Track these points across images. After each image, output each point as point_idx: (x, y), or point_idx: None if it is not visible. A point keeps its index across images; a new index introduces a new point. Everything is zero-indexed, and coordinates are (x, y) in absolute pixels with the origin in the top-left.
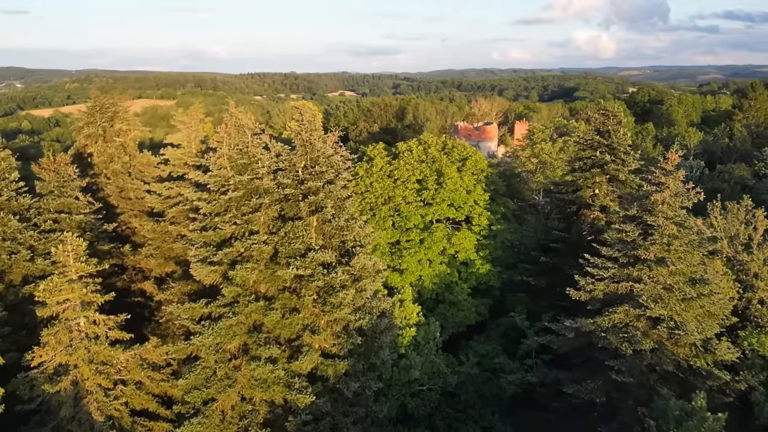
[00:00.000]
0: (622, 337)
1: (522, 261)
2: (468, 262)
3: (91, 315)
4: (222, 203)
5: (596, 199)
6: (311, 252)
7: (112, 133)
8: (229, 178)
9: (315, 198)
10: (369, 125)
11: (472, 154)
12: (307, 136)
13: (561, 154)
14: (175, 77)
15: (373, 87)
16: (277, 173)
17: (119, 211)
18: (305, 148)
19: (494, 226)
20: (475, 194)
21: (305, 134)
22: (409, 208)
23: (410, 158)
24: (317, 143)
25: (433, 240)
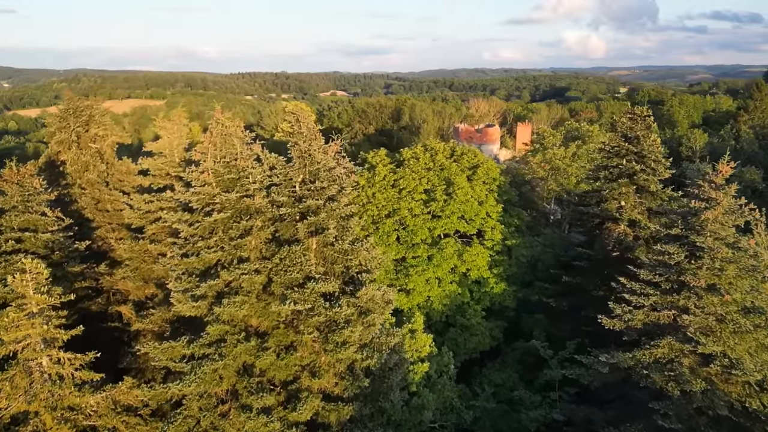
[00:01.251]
0: (667, 376)
1: (539, 279)
2: (481, 281)
3: (55, 354)
4: (206, 226)
5: (623, 212)
6: (311, 282)
7: (87, 138)
8: (215, 196)
9: (315, 218)
10: (364, 127)
11: (483, 162)
12: (305, 146)
13: (575, 160)
14: (165, 77)
15: (365, 87)
16: (271, 189)
17: (95, 225)
18: (303, 160)
19: (508, 241)
20: (487, 206)
21: (304, 144)
22: (416, 222)
23: (416, 166)
24: (317, 154)
25: (442, 257)
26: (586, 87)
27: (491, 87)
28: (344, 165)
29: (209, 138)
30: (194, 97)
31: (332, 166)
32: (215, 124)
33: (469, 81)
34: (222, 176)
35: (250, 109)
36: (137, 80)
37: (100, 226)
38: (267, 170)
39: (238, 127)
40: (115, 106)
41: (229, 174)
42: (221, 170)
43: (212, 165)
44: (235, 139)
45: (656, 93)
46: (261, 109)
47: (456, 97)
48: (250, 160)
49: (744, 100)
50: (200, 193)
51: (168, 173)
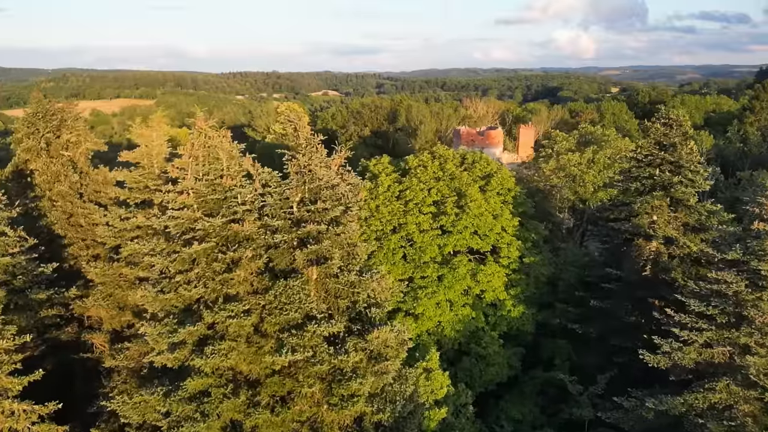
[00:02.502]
0: (726, 426)
1: (560, 300)
2: (497, 304)
3: (8, 405)
4: (185, 257)
5: (657, 228)
6: (311, 324)
7: (58, 145)
8: (196, 221)
9: (316, 247)
10: (360, 129)
11: (496, 170)
12: (305, 160)
13: (591, 167)
14: (155, 76)
15: (357, 87)
16: (264, 210)
17: (67, 242)
18: (302, 176)
19: (526, 258)
20: (502, 219)
21: (303, 158)
22: (424, 238)
23: (424, 175)
24: (319, 169)
25: (454, 277)
26: (578, 87)
27: (483, 87)
28: (349, 180)
29: (189, 151)
30: (184, 97)
31: (336, 183)
32: (197, 135)
33: (461, 81)
34: (205, 197)
35: (241, 109)
36: (126, 80)
37: (72, 243)
38: (259, 188)
39: (224, 138)
40: (104, 106)
41: (213, 194)
42: (204, 190)
43: (193, 184)
44: (221, 152)
45: (656, 93)
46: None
47: (449, 96)
48: (239, 176)
49: (749, 101)
50: (179, 218)
51: (147, 186)
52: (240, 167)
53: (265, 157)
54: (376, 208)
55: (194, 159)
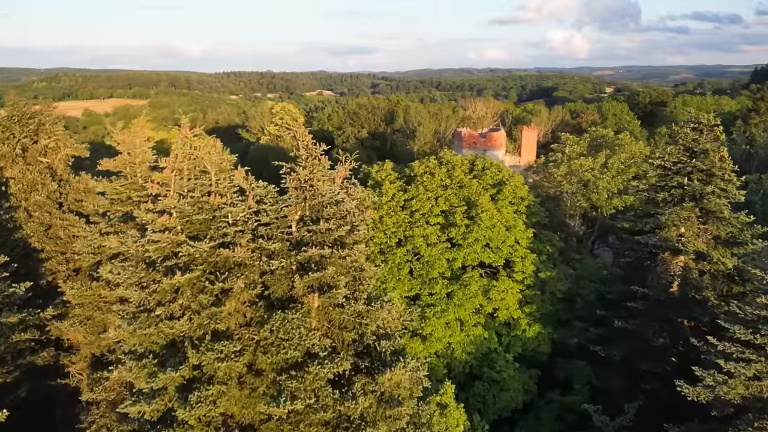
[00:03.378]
0: None
1: (578, 318)
2: (510, 323)
3: None
4: (167, 288)
5: (686, 242)
6: (313, 363)
7: (35, 151)
8: (180, 244)
9: (319, 274)
10: (357, 130)
11: (508, 178)
12: (306, 173)
13: (605, 172)
14: (148, 76)
15: (352, 86)
16: (259, 231)
17: (44, 256)
18: (303, 192)
19: (542, 273)
20: (516, 231)
21: (304, 171)
22: (432, 252)
23: (431, 183)
24: (322, 184)
25: (465, 294)
26: (573, 87)
27: (478, 87)
28: (355, 195)
29: (172, 163)
30: (178, 97)
31: (340, 199)
32: (181, 144)
33: (456, 80)
34: (190, 217)
35: (235, 110)
36: (120, 79)
37: (50, 257)
38: (252, 205)
39: (212, 148)
40: (97, 106)
41: (200, 214)
42: (188, 209)
43: (176, 202)
44: (209, 165)
45: (657, 94)
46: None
47: (444, 96)
48: (230, 192)
49: (754, 102)
50: (160, 242)
51: (129, 197)
52: (231, 181)
53: (260, 160)
54: (379, 219)
55: (178, 173)
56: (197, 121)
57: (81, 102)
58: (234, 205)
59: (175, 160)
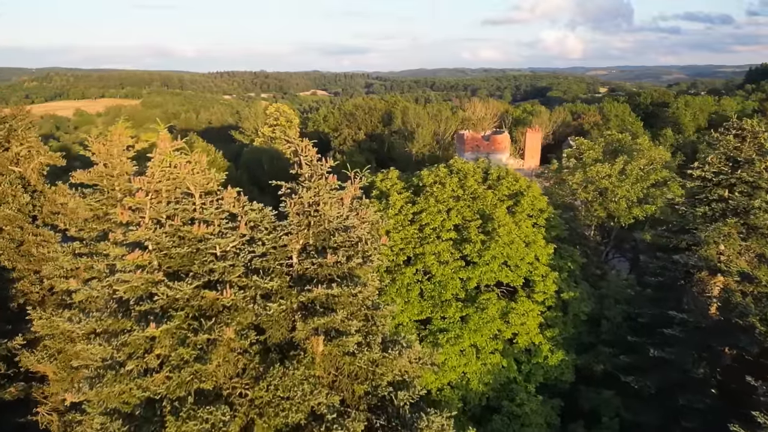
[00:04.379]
0: None
1: (604, 342)
2: (531, 349)
3: None
4: (140, 340)
5: (729, 262)
6: (320, 428)
7: (5, 160)
8: (156, 284)
9: (326, 319)
10: (354, 132)
11: (525, 188)
12: (310, 196)
13: (623, 179)
14: (141, 76)
15: (346, 86)
16: (253, 264)
17: (16, 276)
18: (307, 217)
19: (565, 293)
20: (536, 247)
21: (308, 193)
22: (445, 271)
23: (441, 194)
24: (329, 208)
25: (482, 319)
26: (567, 87)
27: (472, 87)
28: (367, 217)
29: (149, 184)
30: (170, 97)
31: (351, 224)
32: (158, 161)
33: (450, 80)
34: (168, 250)
35: (228, 110)
36: (112, 79)
37: (21, 276)
38: (245, 232)
39: (197, 164)
40: (89, 106)
41: (181, 246)
42: (167, 241)
43: (152, 233)
44: (192, 186)
45: (658, 94)
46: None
47: (439, 96)
48: (218, 218)
49: (760, 102)
50: (131, 282)
51: (106, 214)
52: (219, 205)
53: (254, 163)
54: (386, 234)
55: (154, 196)
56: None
57: (72, 102)
58: (223, 234)
59: (151, 180)
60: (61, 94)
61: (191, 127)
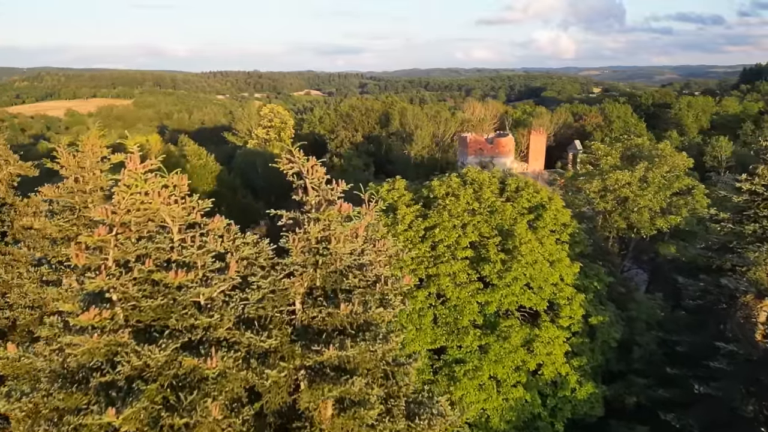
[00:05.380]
0: None
1: (636, 371)
2: (557, 381)
3: None
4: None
5: None
6: None
7: None
8: (121, 347)
9: (341, 389)
10: (351, 134)
11: (547, 200)
12: (319, 230)
13: (645, 188)
14: (133, 75)
15: (340, 86)
16: (246, 312)
17: None
18: (314, 255)
19: (592, 318)
20: (560, 267)
21: (316, 228)
22: (461, 294)
23: (455, 207)
24: (341, 243)
25: (504, 349)
26: (561, 87)
27: (467, 87)
28: (386, 249)
29: (113, 216)
30: (163, 97)
31: (367, 262)
32: (126, 186)
33: (444, 81)
34: (138, 302)
35: (221, 110)
36: (103, 79)
37: None
38: (235, 273)
39: (177, 189)
40: (80, 106)
41: (154, 298)
42: (135, 291)
43: (116, 280)
44: (169, 218)
45: (660, 95)
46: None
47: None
48: (202, 259)
49: (766, 104)
50: (88, 345)
51: (78, 235)
52: (202, 244)
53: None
54: (396, 254)
55: (121, 231)
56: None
57: (64, 102)
58: (207, 279)
59: (116, 210)
60: (53, 94)
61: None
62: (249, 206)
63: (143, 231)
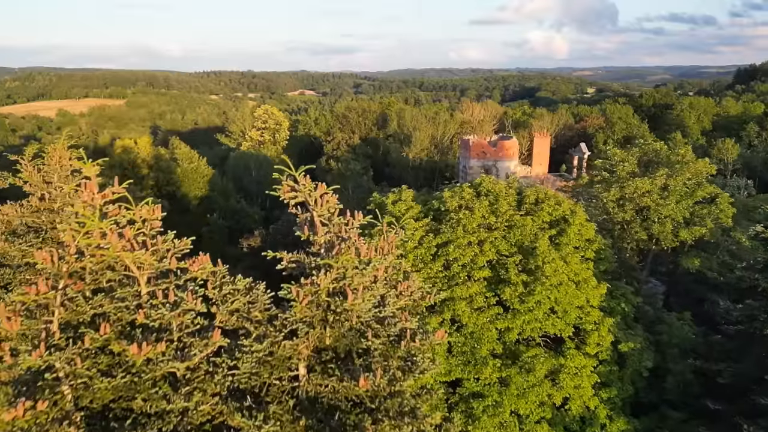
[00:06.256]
0: None
1: (669, 402)
2: (585, 416)
3: None
4: None
5: None
6: None
7: None
8: None
9: None
10: (348, 136)
11: (570, 214)
12: (329, 281)
13: (666, 196)
14: (125, 75)
15: (334, 86)
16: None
17: None
18: (325, 311)
19: (622, 345)
20: (587, 288)
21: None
22: (479, 320)
23: (470, 222)
24: (359, 302)
25: (527, 382)
26: (555, 87)
27: (461, 87)
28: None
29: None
30: (156, 97)
31: (390, 314)
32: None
33: (438, 81)
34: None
35: (215, 110)
36: (95, 79)
37: None
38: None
39: (148, 224)
40: (72, 106)
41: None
42: (86, 369)
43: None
44: (134, 267)
45: (661, 96)
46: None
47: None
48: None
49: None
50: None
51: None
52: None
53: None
54: (405, 275)
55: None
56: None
57: (55, 102)
58: (184, 350)
59: (65, 256)
60: (44, 94)
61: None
62: (242, 211)
63: (101, 282)
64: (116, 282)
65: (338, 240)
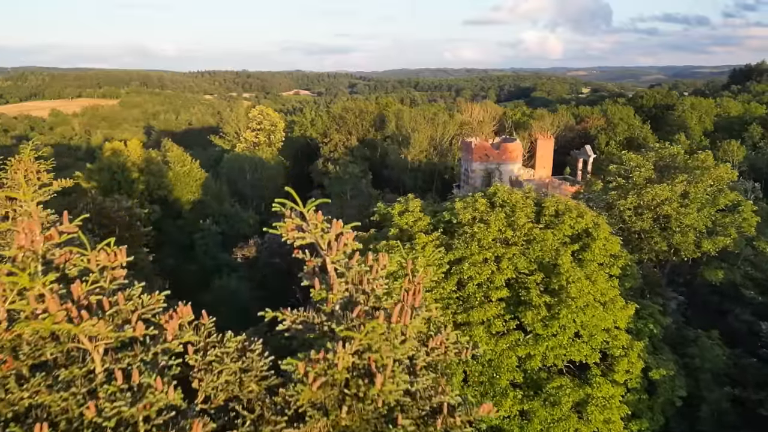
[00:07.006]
0: None
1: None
2: None
3: None
4: None
5: None
6: None
7: None
8: None
9: None
10: (345, 137)
11: (593, 227)
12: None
13: (687, 204)
14: (119, 75)
15: (329, 86)
16: None
17: None
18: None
19: (653, 372)
20: (614, 309)
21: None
22: (497, 347)
23: (485, 236)
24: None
25: (552, 416)
26: (550, 87)
27: (456, 87)
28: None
29: None
30: (150, 97)
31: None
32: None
33: (434, 81)
34: None
35: (209, 110)
36: (89, 78)
37: None
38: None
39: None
40: (65, 106)
41: None
42: None
43: None
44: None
45: (662, 96)
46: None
47: (424, 97)
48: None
49: None
50: None
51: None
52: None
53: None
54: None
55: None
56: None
57: (48, 102)
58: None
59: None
60: (37, 93)
61: (170, 128)
62: (237, 216)
63: (45, 355)
64: (63, 355)
65: (358, 293)
